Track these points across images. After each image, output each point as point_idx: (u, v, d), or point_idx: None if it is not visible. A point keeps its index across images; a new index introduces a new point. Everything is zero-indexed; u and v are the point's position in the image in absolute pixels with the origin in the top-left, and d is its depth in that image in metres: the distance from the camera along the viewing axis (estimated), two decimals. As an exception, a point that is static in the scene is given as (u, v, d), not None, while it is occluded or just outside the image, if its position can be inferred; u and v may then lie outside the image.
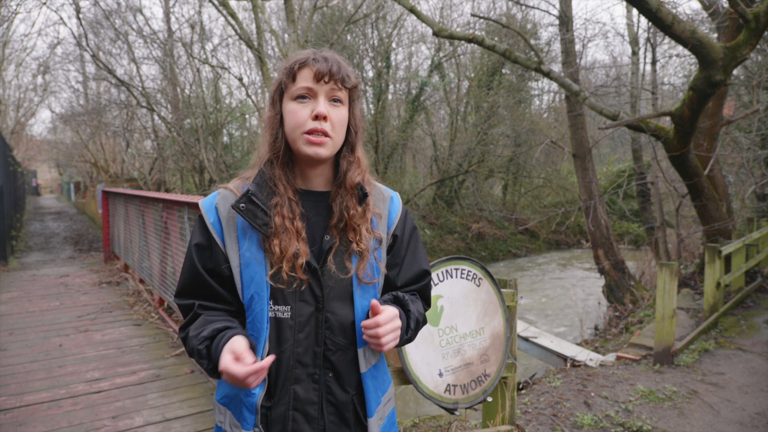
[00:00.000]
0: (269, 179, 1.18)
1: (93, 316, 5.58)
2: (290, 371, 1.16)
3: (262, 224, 1.14)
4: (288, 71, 1.18)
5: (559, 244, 18.88)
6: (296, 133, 1.16)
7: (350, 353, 1.21)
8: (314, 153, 1.15)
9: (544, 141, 12.60)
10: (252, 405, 1.14)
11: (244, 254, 1.15)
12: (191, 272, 1.19)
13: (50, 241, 12.75)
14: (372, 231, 1.23)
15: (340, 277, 1.18)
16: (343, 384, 1.20)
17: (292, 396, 1.16)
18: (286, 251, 1.12)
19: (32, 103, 22.47)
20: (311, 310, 1.16)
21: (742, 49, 5.14)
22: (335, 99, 1.18)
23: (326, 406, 1.19)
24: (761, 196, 9.34)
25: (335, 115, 1.17)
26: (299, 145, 1.16)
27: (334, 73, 1.15)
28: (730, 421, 3.55)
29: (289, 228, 1.14)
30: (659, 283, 4.50)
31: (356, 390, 1.22)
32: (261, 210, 1.15)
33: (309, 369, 1.17)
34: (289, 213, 1.16)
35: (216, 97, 16.05)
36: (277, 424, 1.16)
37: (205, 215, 1.20)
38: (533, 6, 13.71)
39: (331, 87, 1.16)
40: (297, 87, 1.16)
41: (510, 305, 2.90)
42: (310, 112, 1.14)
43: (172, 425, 3.12)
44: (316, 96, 1.15)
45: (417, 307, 1.28)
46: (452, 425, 3.30)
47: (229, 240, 1.17)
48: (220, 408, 1.24)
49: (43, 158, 36.87)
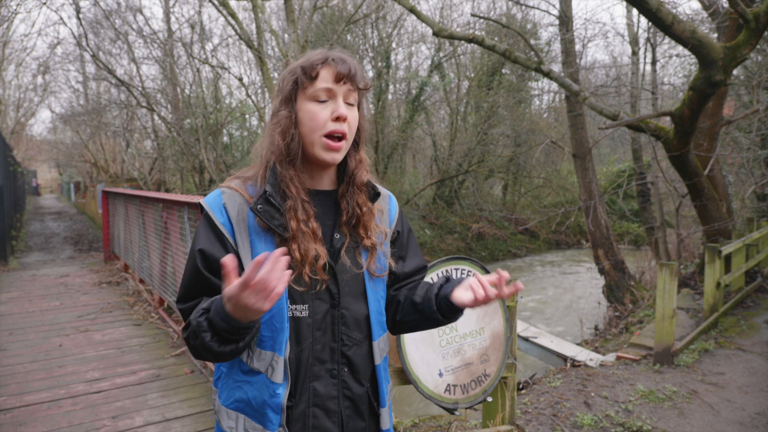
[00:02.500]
0: (281, 180, 1.17)
1: (93, 316, 5.58)
2: (309, 369, 1.17)
3: (279, 225, 1.13)
4: (306, 70, 1.15)
5: (559, 244, 18.88)
6: (315, 135, 1.15)
7: (365, 347, 1.23)
8: (332, 159, 1.16)
9: (544, 141, 12.60)
10: (278, 405, 1.13)
11: None
12: (196, 277, 1.13)
13: (50, 241, 12.75)
14: (378, 226, 1.26)
15: (354, 272, 1.21)
16: (359, 377, 1.23)
17: (312, 393, 1.17)
18: (307, 255, 1.12)
19: (32, 103, 22.49)
20: (327, 308, 1.17)
21: (742, 49, 5.14)
22: (350, 101, 1.18)
23: (342, 400, 1.20)
24: (761, 196, 9.34)
25: (351, 116, 1.17)
26: (316, 149, 1.15)
27: (353, 74, 1.15)
28: (730, 421, 3.55)
29: (306, 231, 1.14)
30: (659, 283, 4.50)
31: (370, 382, 1.26)
32: (278, 212, 1.14)
33: (327, 365, 1.18)
34: (303, 215, 1.15)
35: (216, 97, 16.06)
36: (298, 421, 1.17)
37: (214, 215, 1.15)
38: (533, 6, 13.71)
39: (348, 88, 1.16)
40: (317, 88, 1.14)
41: (510, 305, 2.90)
42: (330, 114, 1.14)
43: (172, 425, 3.12)
44: (335, 97, 1.15)
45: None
46: (452, 425, 3.30)
47: (241, 240, 1.14)
48: (230, 413, 1.18)
49: (43, 158, 36.89)
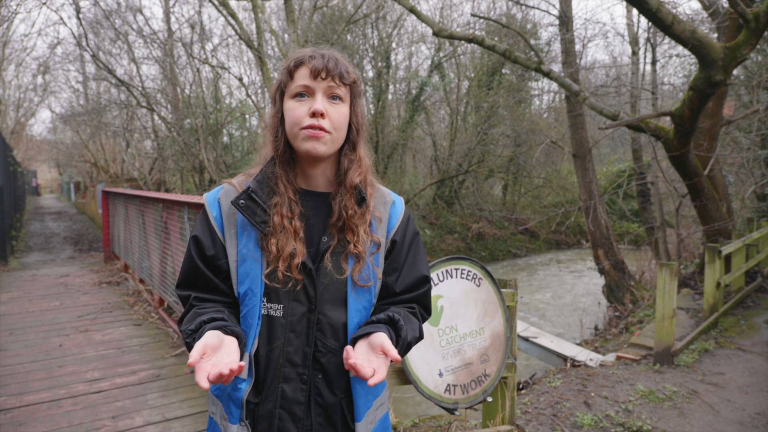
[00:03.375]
0: (270, 178, 1.18)
1: (93, 316, 5.58)
2: (279, 369, 1.15)
3: (260, 222, 1.14)
4: (286, 70, 1.18)
5: (559, 244, 18.88)
6: (294, 130, 1.15)
7: (341, 356, 1.18)
8: (312, 148, 1.14)
9: (544, 141, 12.60)
10: (238, 399, 1.14)
11: (241, 250, 1.16)
12: (190, 264, 1.20)
13: (50, 241, 12.75)
14: (370, 234, 1.21)
15: (336, 277, 1.17)
16: (332, 386, 1.18)
17: (280, 394, 1.16)
18: (283, 251, 1.12)
19: (32, 103, 22.48)
20: (304, 311, 1.15)
21: (742, 49, 5.14)
22: (334, 96, 1.17)
23: (314, 407, 1.18)
24: (761, 196, 9.34)
25: (334, 112, 1.16)
26: (298, 141, 1.15)
27: (330, 69, 1.14)
28: (730, 421, 3.55)
29: (287, 227, 1.14)
30: (659, 283, 4.50)
31: (345, 393, 1.21)
32: (260, 208, 1.15)
33: (298, 369, 1.16)
34: (288, 212, 1.15)
35: (216, 97, 16.05)
36: (264, 420, 1.16)
37: (209, 209, 1.21)
38: (533, 6, 13.70)
39: (329, 84, 1.15)
40: (295, 85, 1.16)
41: (510, 305, 2.90)
42: (308, 110, 1.14)
43: (172, 425, 3.12)
44: (314, 93, 1.15)
45: (411, 328, 1.21)
46: (452, 425, 3.30)
47: (228, 235, 1.18)
48: (213, 399, 1.23)
49: (43, 158, 36.88)
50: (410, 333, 1.20)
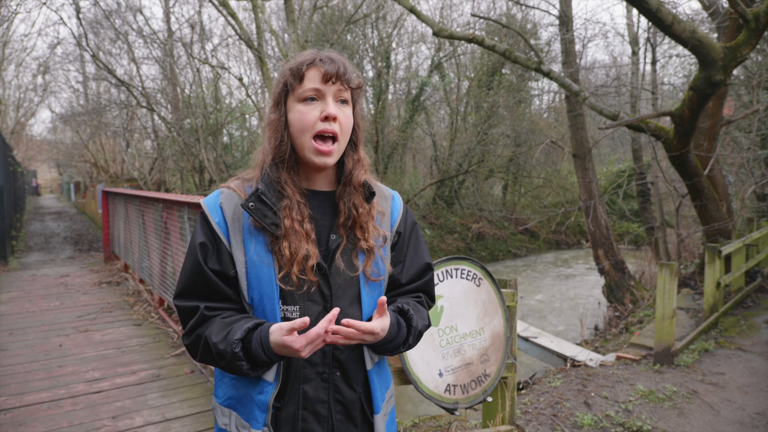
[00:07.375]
0: (275, 182, 1.17)
1: (93, 316, 5.57)
2: (300, 371, 1.16)
3: (271, 224, 1.13)
4: (294, 72, 1.16)
5: (559, 244, 18.88)
6: (305, 136, 1.15)
7: (357, 351, 1.22)
8: (322, 163, 1.16)
9: (544, 141, 12.61)
10: (264, 403, 1.14)
11: (251, 257, 1.14)
12: (196, 272, 1.15)
13: (50, 241, 12.75)
14: (377, 228, 1.23)
15: (349, 275, 1.18)
16: (351, 382, 1.21)
17: (302, 395, 1.16)
18: (297, 254, 1.12)
19: (32, 103, 22.47)
20: (319, 310, 1.16)
21: (742, 49, 5.14)
22: (342, 100, 1.17)
23: (334, 405, 1.19)
24: (761, 196, 9.34)
25: (342, 116, 1.17)
26: (306, 152, 1.16)
27: (341, 74, 1.15)
28: (730, 421, 3.55)
29: (299, 230, 1.14)
30: (659, 283, 4.50)
31: (363, 388, 1.24)
32: (270, 210, 1.14)
33: (318, 368, 1.17)
34: (298, 215, 1.15)
35: (216, 97, 16.04)
36: (287, 424, 1.16)
37: (210, 215, 1.17)
38: (533, 6, 13.70)
39: (338, 88, 1.15)
40: (305, 88, 1.15)
41: (510, 305, 2.90)
42: (319, 114, 1.14)
43: (172, 425, 3.12)
44: (324, 97, 1.15)
45: (420, 317, 1.27)
46: (452, 425, 3.30)
47: (234, 240, 1.15)
48: (223, 410, 1.22)
49: (43, 158, 36.87)
50: (420, 322, 1.25)
